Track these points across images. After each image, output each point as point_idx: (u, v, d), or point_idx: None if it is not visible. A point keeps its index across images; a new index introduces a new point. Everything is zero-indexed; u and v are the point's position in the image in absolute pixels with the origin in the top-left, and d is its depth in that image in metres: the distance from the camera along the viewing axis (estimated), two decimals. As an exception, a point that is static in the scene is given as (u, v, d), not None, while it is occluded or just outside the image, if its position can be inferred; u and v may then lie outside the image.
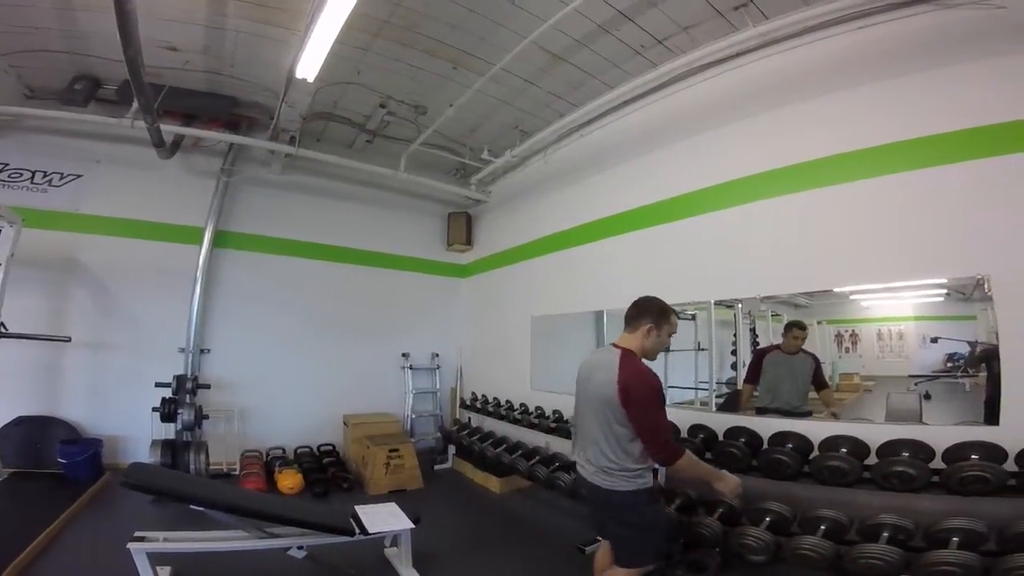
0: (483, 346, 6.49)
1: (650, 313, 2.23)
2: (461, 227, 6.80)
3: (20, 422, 4.31)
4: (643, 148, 4.34)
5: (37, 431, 4.33)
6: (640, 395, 2.02)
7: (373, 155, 5.78)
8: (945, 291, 2.85)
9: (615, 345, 2.23)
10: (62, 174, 4.85)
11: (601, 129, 4.75)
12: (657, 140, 4.22)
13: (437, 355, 6.59)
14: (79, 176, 4.90)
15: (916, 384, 3.01)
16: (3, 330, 3.86)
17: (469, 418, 6.03)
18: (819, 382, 3.37)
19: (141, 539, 2.47)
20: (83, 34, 3.98)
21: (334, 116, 5.30)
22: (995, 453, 2.27)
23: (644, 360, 2.18)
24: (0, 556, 2.59)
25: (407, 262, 6.58)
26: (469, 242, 6.84)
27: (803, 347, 3.43)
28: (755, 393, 3.58)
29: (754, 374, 3.59)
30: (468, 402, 6.12)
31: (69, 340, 4.32)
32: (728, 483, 2.29)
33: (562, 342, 5.31)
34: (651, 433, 2.05)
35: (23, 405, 4.38)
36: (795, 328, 3.43)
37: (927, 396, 2.94)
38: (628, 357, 2.12)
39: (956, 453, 2.35)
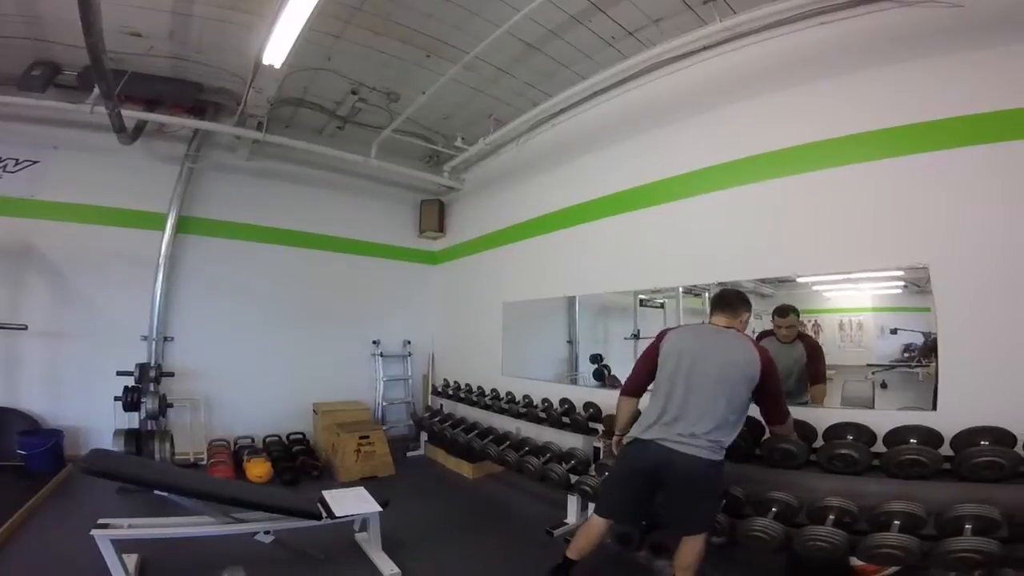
0: (455, 333, 6.52)
1: (746, 304, 2.54)
2: (433, 214, 6.78)
3: (-25, 413, 4.18)
4: (613, 138, 4.42)
5: (-7, 422, 4.20)
6: (774, 370, 2.36)
7: (344, 142, 5.69)
8: (903, 283, 2.97)
9: (726, 327, 2.45)
10: (17, 160, 4.65)
11: (573, 118, 4.78)
12: (626, 130, 4.30)
13: (409, 342, 6.59)
14: (35, 162, 4.70)
15: (874, 373, 3.13)
16: (-46, 318, 3.74)
17: (441, 405, 6.06)
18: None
19: (105, 526, 2.41)
20: (43, 20, 3.84)
21: (304, 102, 5.19)
22: (931, 437, 2.39)
23: None
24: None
25: (378, 249, 6.53)
26: (442, 229, 6.82)
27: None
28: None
29: None
30: (440, 389, 6.15)
31: (25, 328, 4.21)
32: None
33: (533, 328, 5.39)
34: (779, 401, 2.43)
35: (-22, 396, 4.23)
36: (776, 315, 3.35)
37: (883, 385, 3.07)
38: (750, 338, 2.49)
39: (896, 436, 2.47)
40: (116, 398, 4.40)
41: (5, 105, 4.35)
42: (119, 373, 4.49)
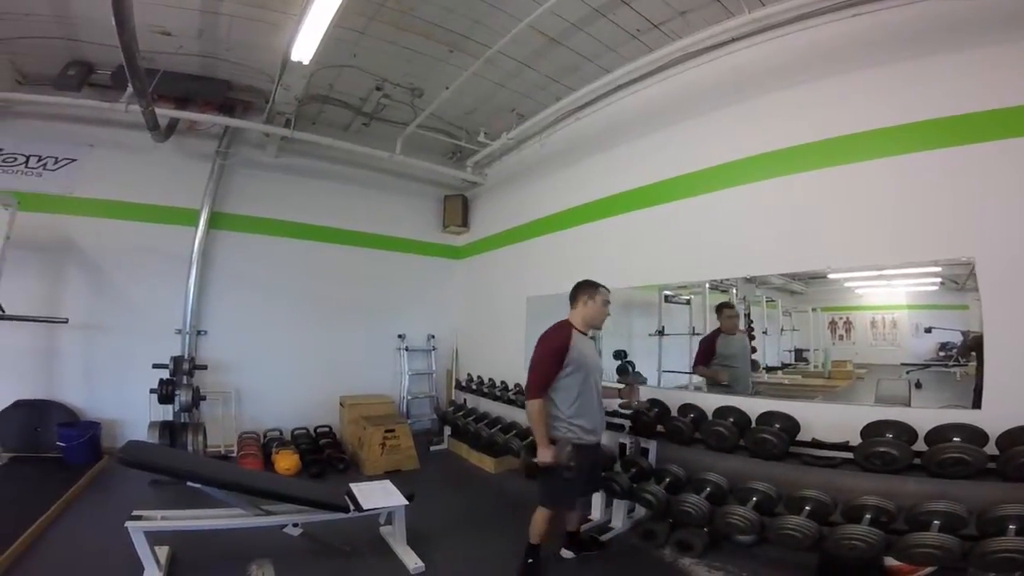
0: (479, 327, 6.53)
1: (579, 289, 2.86)
2: (457, 209, 6.80)
3: (19, 406, 4.35)
4: (639, 131, 4.35)
5: (36, 415, 4.37)
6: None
7: (369, 138, 5.74)
8: (939, 280, 2.88)
9: (568, 322, 2.81)
10: (56, 158, 4.83)
11: (597, 112, 4.74)
12: (652, 123, 4.23)
13: (433, 336, 6.63)
14: (73, 160, 4.88)
15: (908, 372, 3.05)
16: (0, 312, 3.88)
17: (464, 399, 6.08)
18: None
19: (138, 518, 2.47)
20: (76, 20, 3.95)
21: (330, 99, 5.25)
22: (976, 436, 2.30)
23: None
24: (1, 538, 2.62)
25: (404, 244, 6.59)
26: (465, 224, 6.84)
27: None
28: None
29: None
30: (463, 383, 6.17)
31: (66, 321, 4.35)
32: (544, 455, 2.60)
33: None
34: None
35: (21, 389, 4.41)
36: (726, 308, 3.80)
37: (918, 385, 2.98)
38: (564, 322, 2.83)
39: (938, 435, 2.38)
40: (151, 391, 4.52)
41: (44, 104, 4.54)
42: (155, 366, 4.60)
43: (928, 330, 2.99)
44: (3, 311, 3.90)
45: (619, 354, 4.60)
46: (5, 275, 3.92)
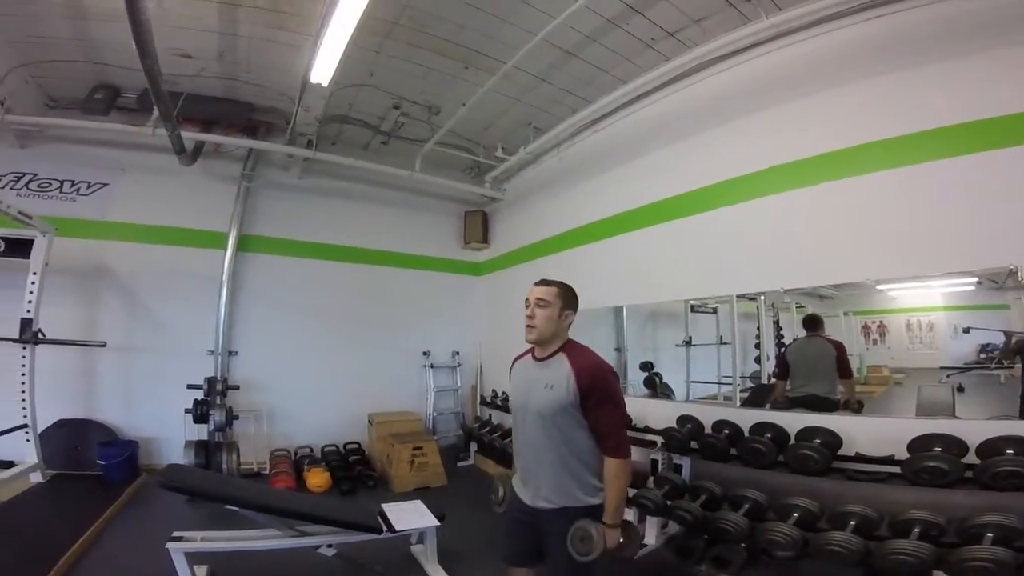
0: (502, 343, 6.49)
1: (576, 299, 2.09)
2: (477, 225, 6.82)
3: (61, 425, 4.48)
4: (660, 142, 4.28)
5: (76, 433, 4.49)
6: None
7: (388, 156, 5.81)
8: (976, 280, 2.77)
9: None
10: (89, 183, 4.99)
11: (615, 124, 4.70)
12: (674, 134, 4.15)
13: (457, 353, 6.64)
14: (105, 184, 5.03)
15: (948, 376, 2.94)
16: (41, 336, 4.02)
17: (490, 415, 6.06)
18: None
19: (179, 539, 2.53)
20: (97, 43, 4.04)
21: (349, 118, 5.35)
22: (1029, 448, 2.20)
23: None
24: (47, 556, 2.70)
25: (426, 261, 6.63)
26: (486, 240, 6.85)
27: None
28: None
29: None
30: (488, 399, 6.16)
31: (104, 345, 4.47)
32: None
33: (580, 337, 5.27)
34: None
35: (62, 408, 4.54)
36: None
37: (960, 389, 2.88)
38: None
39: (990, 448, 2.29)
40: (186, 410, 4.61)
41: (74, 129, 4.67)
42: (189, 387, 4.70)
43: (967, 331, 2.90)
44: (43, 335, 4.03)
45: (645, 366, 4.57)
46: (45, 300, 4.07)
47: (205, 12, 3.66)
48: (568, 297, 1.99)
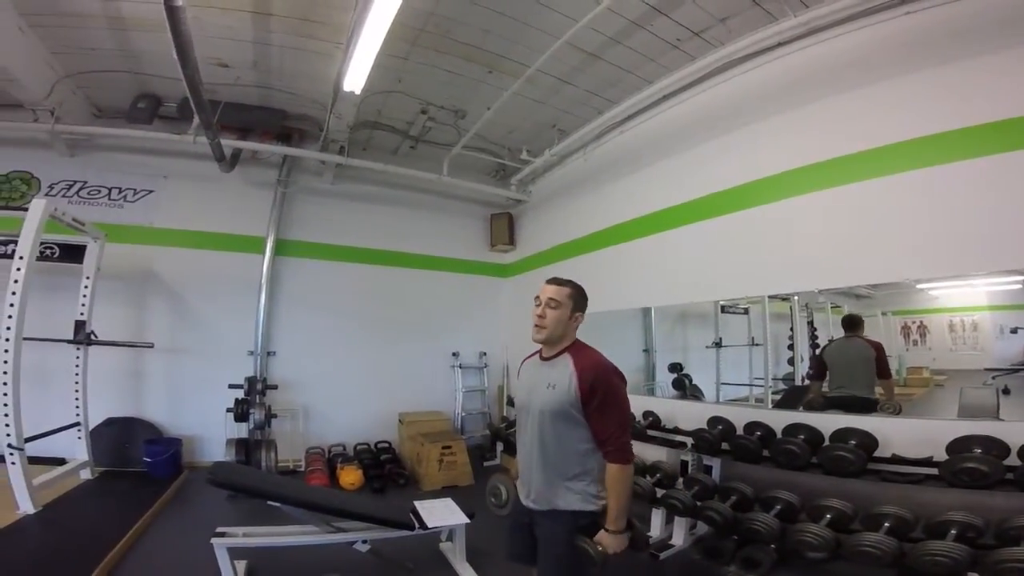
0: (528, 344, 6.49)
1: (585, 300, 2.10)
2: (504, 227, 6.88)
3: (110, 423, 4.71)
4: (688, 142, 4.23)
5: (124, 431, 4.71)
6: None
7: (417, 160, 5.91)
8: (1022, 278, 2.66)
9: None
10: (135, 190, 5.23)
11: (642, 125, 4.68)
12: (702, 133, 4.10)
13: (484, 354, 6.71)
14: (151, 191, 5.27)
15: (993, 378, 2.84)
16: (94, 338, 4.25)
17: (516, 415, 6.07)
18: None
19: (222, 535, 2.62)
20: (138, 54, 4.21)
21: (379, 124, 5.46)
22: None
23: None
24: (98, 549, 2.84)
25: (454, 264, 6.72)
26: (512, 242, 6.90)
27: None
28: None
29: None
30: (514, 400, 6.17)
31: (152, 346, 4.71)
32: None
33: (607, 338, 5.23)
34: None
35: (111, 407, 4.78)
36: None
37: (1006, 391, 2.77)
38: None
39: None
40: (228, 409, 4.81)
41: (120, 137, 4.90)
42: (230, 386, 4.90)
43: (1014, 331, 2.79)
44: (96, 337, 4.26)
45: (675, 367, 4.53)
46: (97, 304, 4.30)
47: (239, 22, 3.78)
48: (580, 299, 1.99)
